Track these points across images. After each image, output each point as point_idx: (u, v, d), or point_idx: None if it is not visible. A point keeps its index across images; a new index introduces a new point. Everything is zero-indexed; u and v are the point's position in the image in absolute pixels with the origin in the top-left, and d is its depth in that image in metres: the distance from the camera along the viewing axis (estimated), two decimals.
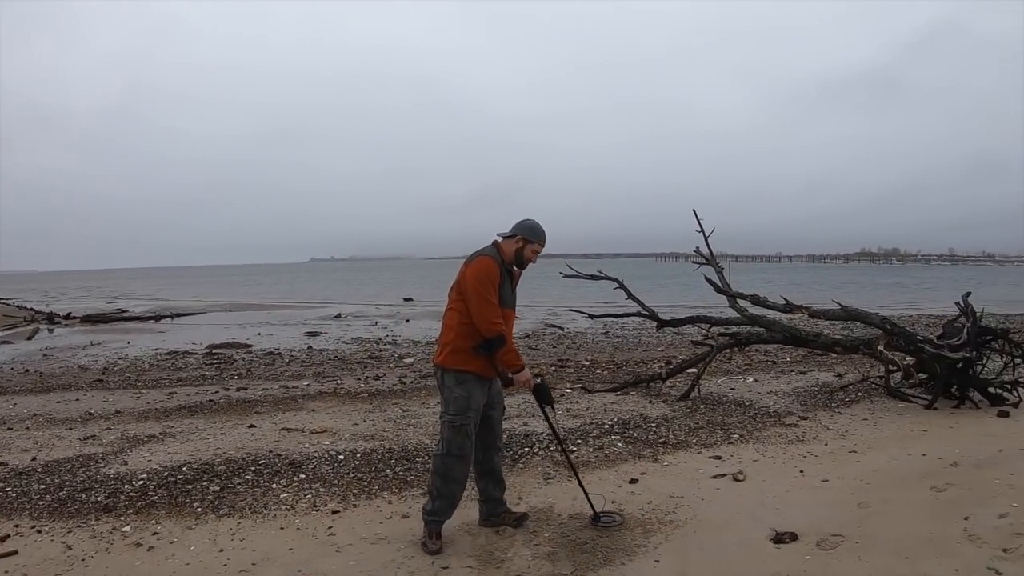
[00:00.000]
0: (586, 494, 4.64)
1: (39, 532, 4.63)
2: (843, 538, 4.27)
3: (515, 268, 4.40)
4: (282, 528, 4.64)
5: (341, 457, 6.10)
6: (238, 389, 10.42)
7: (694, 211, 9.61)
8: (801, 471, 5.67)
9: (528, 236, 4.33)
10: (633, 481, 5.45)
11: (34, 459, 6.36)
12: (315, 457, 6.11)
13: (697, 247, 9.89)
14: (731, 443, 6.53)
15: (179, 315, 29.89)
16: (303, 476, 5.65)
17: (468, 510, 4.66)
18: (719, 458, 6.05)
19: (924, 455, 6.03)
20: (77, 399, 9.93)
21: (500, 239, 4.38)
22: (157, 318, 28.32)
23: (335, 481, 5.52)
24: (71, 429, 7.73)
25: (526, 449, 6.30)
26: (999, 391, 8.07)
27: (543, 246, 4.41)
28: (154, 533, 4.56)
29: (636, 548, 4.20)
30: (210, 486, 5.40)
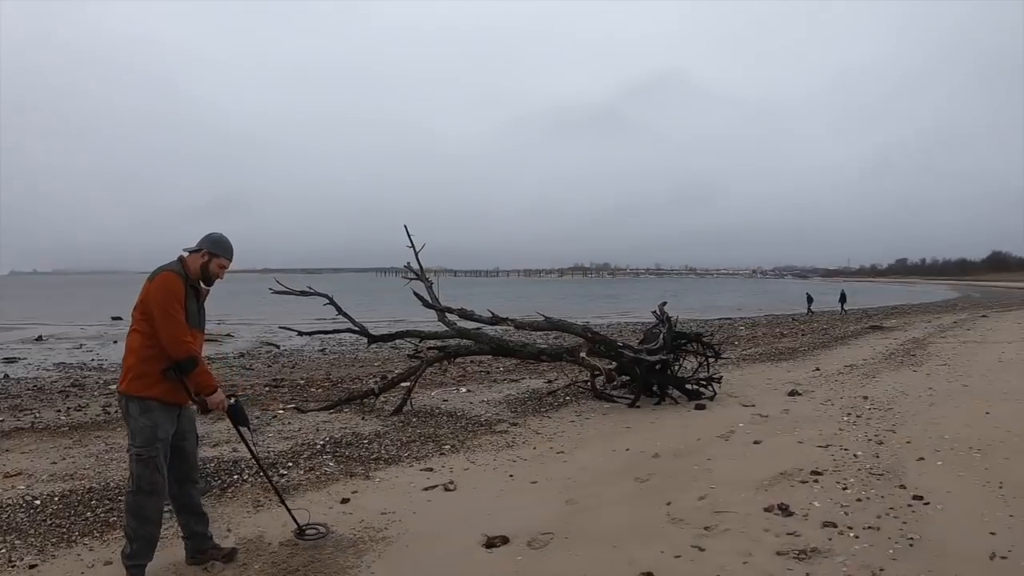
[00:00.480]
0: (288, 510, 4.49)
1: None
2: (553, 535, 4.33)
3: (202, 285, 4.09)
4: None
5: (37, 503, 5.32)
6: None
7: (405, 227, 9.79)
8: (511, 475, 5.74)
9: (213, 250, 4.06)
10: (345, 501, 5.23)
11: None
12: (9, 505, 5.27)
13: (408, 262, 9.99)
14: (443, 454, 6.50)
15: None
16: None
17: (174, 548, 4.29)
18: (431, 470, 5.97)
19: (628, 450, 6.37)
20: None
21: (186, 254, 4.07)
22: None
23: (31, 530, 4.81)
24: None
25: (235, 476, 5.85)
26: (696, 387, 8.89)
27: (230, 261, 4.16)
28: None
29: (349, 569, 4.03)
30: None
